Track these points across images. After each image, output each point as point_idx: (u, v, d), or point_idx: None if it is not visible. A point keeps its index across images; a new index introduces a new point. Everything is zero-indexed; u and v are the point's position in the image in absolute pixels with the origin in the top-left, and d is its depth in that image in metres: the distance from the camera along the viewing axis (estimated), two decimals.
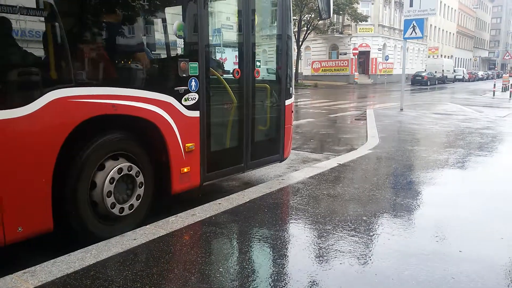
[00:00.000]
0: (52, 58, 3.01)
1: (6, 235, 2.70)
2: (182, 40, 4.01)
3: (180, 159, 3.83)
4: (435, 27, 56.12)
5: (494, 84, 25.50)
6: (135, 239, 3.20)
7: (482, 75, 59.69)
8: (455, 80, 48.65)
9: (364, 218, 3.75)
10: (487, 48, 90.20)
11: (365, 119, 11.33)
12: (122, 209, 3.43)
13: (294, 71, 6.11)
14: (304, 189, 4.65)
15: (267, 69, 5.62)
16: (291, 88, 5.35)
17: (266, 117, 5.13)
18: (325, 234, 3.39)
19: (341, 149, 7.73)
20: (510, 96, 21.71)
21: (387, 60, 38.07)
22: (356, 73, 39.37)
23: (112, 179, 3.30)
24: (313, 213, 3.88)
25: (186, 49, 4.01)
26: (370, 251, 3.09)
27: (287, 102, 5.25)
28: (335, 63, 41.66)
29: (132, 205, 3.54)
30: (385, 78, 36.15)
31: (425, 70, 43.38)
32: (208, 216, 3.73)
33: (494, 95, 23.72)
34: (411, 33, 13.33)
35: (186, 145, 3.86)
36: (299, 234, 3.42)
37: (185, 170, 3.89)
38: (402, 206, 4.13)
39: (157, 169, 3.77)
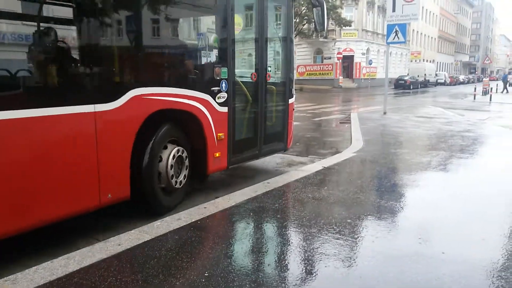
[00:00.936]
0: (133, 63, 4.06)
1: (101, 199, 3.57)
2: (216, 50, 5.04)
3: (214, 146, 4.78)
4: (417, 32, 57.00)
5: (475, 88, 26.01)
6: (119, 245, 3.16)
7: (463, 79, 60.78)
8: (437, 84, 49.42)
9: (349, 220, 3.78)
10: (468, 53, 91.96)
11: (350, 123, 11.43)
12: (175, 182, 4.33)
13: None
14: (289, 192, 4.67)
15: (275, 72, 6.32)
16: (292, 89, 6.30)
17: (275, 113, 6.05)
18: (310, 237, 3.40)
19: (326, 152, 7.78)
20: (490, 100, 22.16)
21: (371, 64, 38.47)
22: (340, 77, 39.67)
23: (173, 156, 4.28)
24: (298, 216, 3.89)
25: (219, 57, 4.97)
26: (355, 253, 3.12)
27: (290, 101, 6.21)
28: (320, 67, 41.94)
29: (181, 182, 4.43)
30: (369, 82, 36.52)
31: (408, 74, 43.99)
32: (193, 220, 3.72)
33: (475, 98, 24.18)
34: (394, 38, 13.52)
35: (218, 134, 4.81)
36: (285, 238, 3.44)
37: (217, 155, 4.84)
38: (386, 208, 4.17)
39: (194, 154, 4.69)
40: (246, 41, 6.10)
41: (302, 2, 21.68)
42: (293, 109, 6.45)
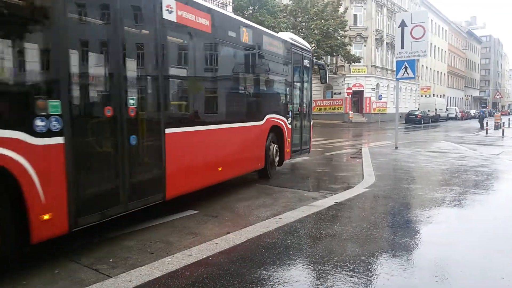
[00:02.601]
0: (269, 102, 8.56)
1: (259, 166, 8.06)
2: (291, 91, 9.60)
3: (286, 145, 9.08)
4: (426, 67, 57.54)
5: (487, 123, 25.87)
6: (130, 281, 3.14)
7: (474, 113, 60.66)
8: (448, 118, 49.33)
9: (363, 258, 3.71)
10: (478, 88, 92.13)
11: (361, 157, 11.39)
12: (275, 162, 8.67)
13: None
14: (301, 228, 4.61)
15: (305, 104, 10.41)
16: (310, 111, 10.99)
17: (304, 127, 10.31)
18: (323, 274, 3.34)
19: (337, 187, 7.72)
20: (503, 134, 21.99)
21: (381, 99, 38.72)
22: (350, 112, 39.91)
23: (275, 149, 8.57)
24: (311, 253, 3.83)
25: (292, 95, 9.59)
26: None
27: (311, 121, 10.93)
28: (330, 102, 42.29)
29: (276, 162, 8.73)
30: (379, 117, 36.63)
31: (418, 109, 44.05)
32: (204, 256, 3.68)
33: (487, 133, 24.02)
34: (403, 73, 13.65)
35: (288, 139, 9.14)
36: (298, 275, 3.37)
37: (287, 150, 9.17)
38: (401, 245, 4.09)
39: (280, 150, 8.90)
40: (298, 87, 9.98)
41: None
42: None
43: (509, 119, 33.68)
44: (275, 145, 8.52)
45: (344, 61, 36.75)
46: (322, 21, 29.72)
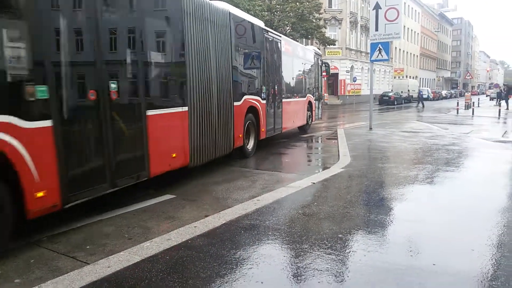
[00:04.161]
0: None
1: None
2: (308, 81, 14.49)
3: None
4: (399, 49, 58.22)
5: (457, 103, 26.54)
6: (109, 267, 3.11)
7: (445, 94, 61.99)
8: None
9: (340, 235, 3.79)
10: (449, 69, 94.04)
11: (336, 139, 11.53)
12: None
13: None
14: (279, 209, 4.66)
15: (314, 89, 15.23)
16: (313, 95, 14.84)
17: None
18: (302, 253, 3.40)
19: (314, 168, 7.82)
20: (473, 114, 22.62)
21: (355, 81, 39.02)
22: (325, 94, 40.12)
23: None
24: (289, 233, 3.89)
25: (307, 86, 14.17)
26: (347, 268, 3.12)
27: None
28: None
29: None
30: (353, 99, 37.00)
31: (392, 90, 44.71)
32: (184, 240, 3.68)
33: (457, 113, 24.67)
34: (378, 55, 13.78)
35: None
36: (277, 255, 3.42)
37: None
38: (376, 222, 4.19)
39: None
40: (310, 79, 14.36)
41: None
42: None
43: (478, 99, 34.60)
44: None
45: (319, 44, 36.73)
46: (297, 3, 29.50)
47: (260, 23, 9.66)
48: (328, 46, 37.97)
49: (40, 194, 3.79)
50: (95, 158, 4.51)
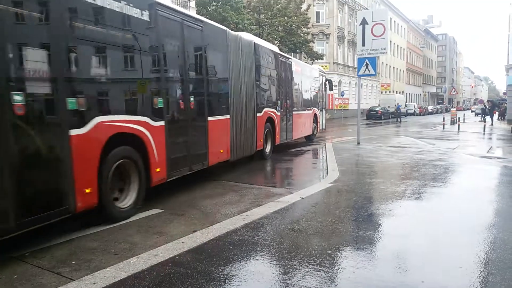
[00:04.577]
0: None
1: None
2: (315, 96, 16.44)
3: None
4: (386, 64, 59.12)
5: (443, 118, 26.93)
6: (94, 283, 3.05)
7: (431, 109, 62.91)
8: (407, 114, 50.93)
9: (329, 252, 3.77)
10: (435, 84, 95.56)
11: (325, 153, 11.59)
12: None
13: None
14: (268, 225, 4.64)
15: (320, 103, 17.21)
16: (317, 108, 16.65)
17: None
18: (291, 269, 3.37)
19: (303, 183, 7.81)
20: (458, 129, 22.96)
21: (343, 95, 39.44)
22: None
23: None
24: (278, 249, 3.86)
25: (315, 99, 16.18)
26: (336, 285, 3.10)
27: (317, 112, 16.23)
28: None
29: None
30: (341, 113, 37.35)
31: (379, 105, 45.23)
32: (171, 256, 3.64)
33: (443, 128, 25.01)
34: (365, 70, 13.96)
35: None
36: (266, 271, 3.39)
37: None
38: (365, 238, 4.20)
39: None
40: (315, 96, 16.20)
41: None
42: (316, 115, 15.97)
43: (464, 114, 35.15)
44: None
45: (307, 58, 37.14)
46: (285, 18, 29.85)
47: (275, 48, 12.05)
48: (316, 61, 38.43)
49: (158, 169, 5.67)
50: (183, 149, 6.53)
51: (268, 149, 10.75)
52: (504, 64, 34.15)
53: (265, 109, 10.33)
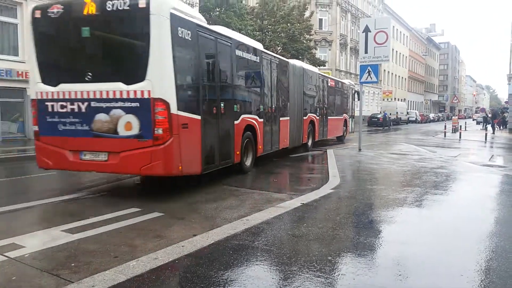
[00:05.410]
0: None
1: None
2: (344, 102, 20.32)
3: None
4: (388, 72, 59.21)
5: (445, 126, 26.92)
6: (93, 286, 3.04)
7: (433, 117, 62.94)
8: (408, 121, 50.95)
9: (329, 258, 3.76)
10: (437, 92, 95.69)
11: (326, 159, 11.57)
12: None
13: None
14: (268, 230, 4.62)
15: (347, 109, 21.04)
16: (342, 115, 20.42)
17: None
18: (291, 275, 3.36)
19: (304, 188, 7.80)
20: (460, 137, 22.94)
21: None
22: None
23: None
24: (278, 254, 3.85)
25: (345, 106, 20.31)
26: None
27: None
28: None
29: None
30: None
31: (381, 112, 45.27)
32: (171, 260, 3.62)
33: (445, 136, 24.99)
34: (367, 77, 13.97)
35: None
36: (265, 276, 3.37)
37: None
38: (365, 245, 4.18)
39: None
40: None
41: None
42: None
43: (465, 122, 35.14)
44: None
45: (310, 64, 37.32)
46: (288, 24, 29.93)
47: (315, 69, 16.00)
48: (318, 67, 38.51)
49: (260, 146, 9.77)
50: (269, 136, 10.54)
51: (310, 143, 14.62)
52: (506, 73, 34.17)
53: (308, 114, 14.10)
